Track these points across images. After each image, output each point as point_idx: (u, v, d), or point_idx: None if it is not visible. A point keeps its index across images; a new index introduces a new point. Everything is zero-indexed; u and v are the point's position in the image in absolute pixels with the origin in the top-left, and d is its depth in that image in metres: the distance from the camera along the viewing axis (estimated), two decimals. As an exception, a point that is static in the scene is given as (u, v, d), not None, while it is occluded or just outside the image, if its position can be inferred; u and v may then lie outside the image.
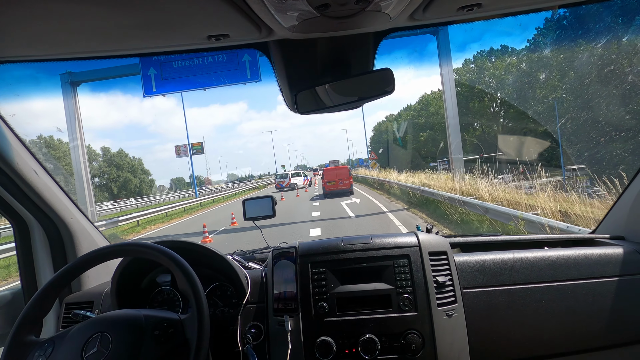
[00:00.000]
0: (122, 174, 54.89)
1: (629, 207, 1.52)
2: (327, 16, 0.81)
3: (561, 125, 17.84)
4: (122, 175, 54.80)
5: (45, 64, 2.51)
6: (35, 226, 1.49)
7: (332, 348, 1.17)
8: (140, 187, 56.81)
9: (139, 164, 58.59)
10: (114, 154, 56.31)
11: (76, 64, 26.45)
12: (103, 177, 54.43)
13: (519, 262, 1.30)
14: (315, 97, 1.09)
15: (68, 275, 1.03)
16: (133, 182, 55.78)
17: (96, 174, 52.86)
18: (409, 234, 1.33)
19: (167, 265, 1.02)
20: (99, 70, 16.48)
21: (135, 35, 0.90)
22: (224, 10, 0.78)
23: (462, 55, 36.30)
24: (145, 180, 58.98)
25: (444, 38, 15.13)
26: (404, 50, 27.50)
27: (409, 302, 1.20)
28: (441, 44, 15.23)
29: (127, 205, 29.65)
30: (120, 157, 56.26)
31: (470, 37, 45.45)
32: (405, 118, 32.90)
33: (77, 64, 27.95)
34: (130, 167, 56.76)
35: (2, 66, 1.05)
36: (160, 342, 0.93)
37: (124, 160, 56.42)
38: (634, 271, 1.29)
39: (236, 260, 1.42)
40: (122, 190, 53.67)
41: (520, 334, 1.22)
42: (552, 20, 18.62)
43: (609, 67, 16.24)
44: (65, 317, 1.41)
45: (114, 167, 54.54)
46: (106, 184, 54.16)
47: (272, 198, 1.61)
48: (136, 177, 56.93)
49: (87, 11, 0.76)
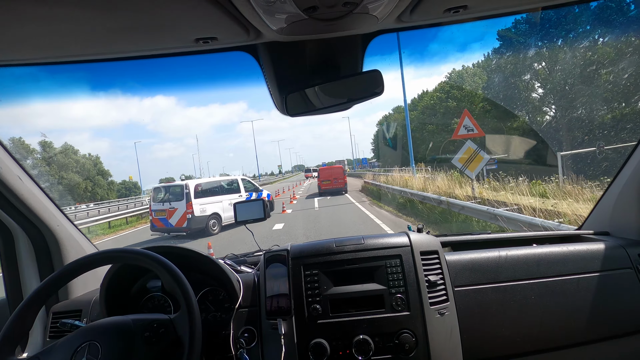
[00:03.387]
0: (67, 175, 42.81)
1: (613, 204, 1.56)
2: (315, 18, 0.82)
3: (546, 124, 18.21)
4: (66, 177, 42.56)
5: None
6: (20, 234, 1.45)
7: (326, 350, 1.17)
8: (93, 190, 45.91)
9: (95, 162, 47.86)
10: (58, 150, 43.95)
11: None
12: (40, 178, 43.53)
13: (507, 259, 1.32)
14: (304, 99, 1.09)
15: (54, 285, 1.01)
16: (82, 186, 44.62)
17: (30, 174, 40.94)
18: (400, 234, 1.34)
19: (153, 269, 1.01)
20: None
21: (121, 39, 0.88)
22: (212, 13, 0.77)
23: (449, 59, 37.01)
24: (100, 183, 47.61)
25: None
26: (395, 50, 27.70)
27: (401, 301, 1.21)
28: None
29: (76, 211, 21.20)
30: (66, 155, 44.27)
31: (461, 39, 46.30)
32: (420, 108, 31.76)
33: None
34: (80, 167, 45.43)
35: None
36: (151, 342, 0.92)
37: (70, 158, 44.53)
38: (619, 266, 1.32)
39: (228, 264, 1.41)
40: (67, 195, 39.13)
41: (510, 330, 1.23)
42: (534, 21, 19.04)
43: (591, 67, 16.64)
44: (52, 326, 1.38)
45: (54, 167, 42.18)
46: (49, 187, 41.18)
47: (263, 201, 1.60)
48: (87, 180, 45.51)
49: (71, 14, 0.74)
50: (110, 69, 51.77)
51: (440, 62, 44.64)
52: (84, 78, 50.43)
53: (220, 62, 8.93)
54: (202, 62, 39.11)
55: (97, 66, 7.33)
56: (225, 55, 1.05)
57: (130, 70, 58.44)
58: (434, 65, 50.42)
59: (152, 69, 30.93)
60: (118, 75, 56.69)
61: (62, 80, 51.11)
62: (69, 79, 54.18)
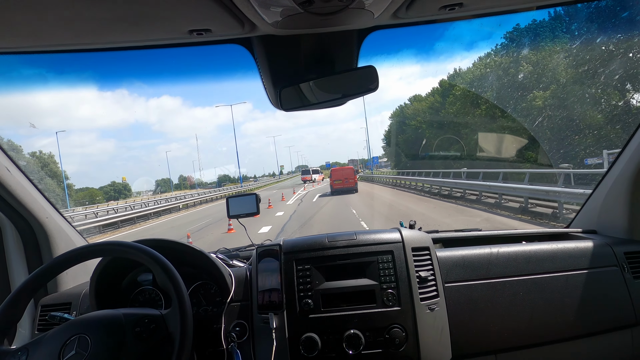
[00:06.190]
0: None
1: (601, 203, 1.59)
2: (311, 12, 0.81)
3: (538, 124, 18.28)
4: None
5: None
6: (7, 226, 1.43)
7: (317, 344, 1.17)
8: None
9: (45, 162, 37.73)
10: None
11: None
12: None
13: (497, 256, 1.34)
14: (299, 93, 1.09)
15: (42, 277, 0.99)
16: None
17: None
18: (392, 230, 1.35)
19: (145, 262, 1.00)
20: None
21: (113, 29, 0.87)
22: (206, 4, 0.76)
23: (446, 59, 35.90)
24: (50, 188, 32.85)
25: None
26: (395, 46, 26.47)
27: (392, 297, 1.22)
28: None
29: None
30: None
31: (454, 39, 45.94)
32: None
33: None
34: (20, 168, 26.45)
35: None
36: (142, 338, 0.91)
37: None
38: (606, 263, 1.35)
39: (220, 258, 1.41)
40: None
41: (499, 326, 1.25)
42: (529, 21, 19.03)
43: (583, 68, 16.80)
44: (41, 319, 1.37)
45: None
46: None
47: (256, 195, 1.60)
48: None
49: (62, 3, 0.73)
50: (101, 60, 50.19)
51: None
52: (84, 70, 48.93)
53: (215, 55, 8.69)
54: (196, 55, 38.29)
55: (93, 56, 7.04)
56: (220, 48, 1.04)
57: (121, 60, 57.10)
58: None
59: (142, 61, 29.88)
60: (107, 64, 55.11)
61: (64, 78, 49.26)
62: (71, 71, 52.49)
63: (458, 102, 24.61)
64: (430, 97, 31.51)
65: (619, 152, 1.52)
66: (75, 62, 49.03)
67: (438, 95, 29.35)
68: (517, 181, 11.06)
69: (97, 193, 52.76)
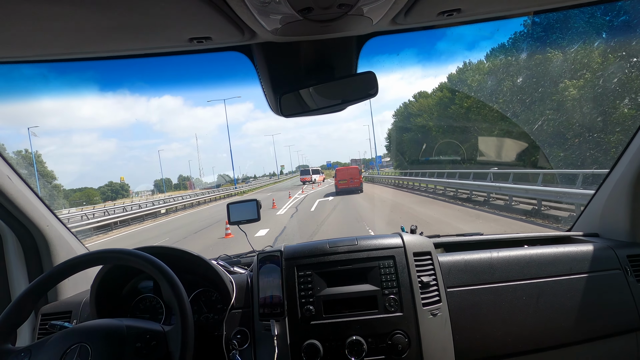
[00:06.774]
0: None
1: (602, 206, 1.58)
2: (310, 19, 0.82)
3: (537, 127, 18.15)
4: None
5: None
6: (8, 235, 1.42)
7: (319, 351, 1.16)
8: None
9: (31, 162, 34.37)
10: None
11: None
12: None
13: (500, 261, 1.33)
14: (299, 100, 1.09)
15: (43, 286, 0.99)
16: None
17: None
18: (393, 235, 1.34)
19: (151, 273, 0.99)
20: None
21: (115, 38, 0.87)
22: (206, 12, 0.77)
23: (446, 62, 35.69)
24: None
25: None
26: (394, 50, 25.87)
27: (394, 302, 1.21)
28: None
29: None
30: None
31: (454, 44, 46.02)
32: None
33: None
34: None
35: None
36: (141, 355, 0.90)
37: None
38: (608, 267, 1.34)
39: (221, 265, 1.40)
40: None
41: (502, 331, 1.24)
42: (528, 24, 18.94)
43: (581, 71, 16.82)
44: (41, 328, 1.36)
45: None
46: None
47: (256, 201, 1.60)
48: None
49: (64, 12, 0.73)
50: (104, 67, 50.61)
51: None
52: (89, 77, 49.34)
53: (216, 62, 8.62)
54: (196, 62, 38.52)
55: (97, 65, 6.97)
56: (221, 55, 1.05)
57: (122, 67, 57.43)
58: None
59: (145, 69, 30.12)
60: (109, 71, 55.62)
61: (67, 81, 49.70)
62: (75, 79, 52.85)
63: (471, 96, 22.50)
64: (438, 93, 29.70)
65: (620, 154, 1.52)
66: (77, 69, 49.64)
67: (447, 91, 27.55)
68: (528, 182, 10.67)
69: (95, 193, 52.48)
